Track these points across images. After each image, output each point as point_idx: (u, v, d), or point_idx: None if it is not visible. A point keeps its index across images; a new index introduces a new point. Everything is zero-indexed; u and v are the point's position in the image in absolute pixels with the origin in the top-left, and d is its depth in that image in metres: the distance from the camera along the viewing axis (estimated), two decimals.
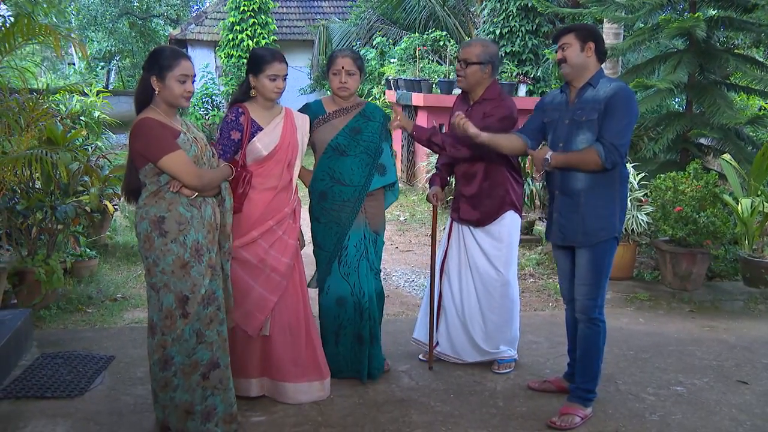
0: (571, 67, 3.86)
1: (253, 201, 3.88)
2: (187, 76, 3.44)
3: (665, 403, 4.20)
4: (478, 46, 4.35)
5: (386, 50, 14.81)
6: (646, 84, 6.85)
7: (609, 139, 3.70)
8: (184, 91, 3.44)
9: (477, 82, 4.36)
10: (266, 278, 3.94)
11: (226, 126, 3.88)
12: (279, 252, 3.96)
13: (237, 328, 3.96)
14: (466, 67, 4.33)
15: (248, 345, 4.01)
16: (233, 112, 3.91)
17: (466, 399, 4.20)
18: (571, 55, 3.84)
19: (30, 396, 4.13)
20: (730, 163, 6.91)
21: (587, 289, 3.90)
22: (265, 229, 3.91)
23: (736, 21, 7.21)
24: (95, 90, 8.84)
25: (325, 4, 21.39)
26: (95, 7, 26.11)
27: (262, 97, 3.95)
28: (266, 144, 3.90)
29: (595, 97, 3.80)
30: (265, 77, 3.89)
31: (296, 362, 4.04)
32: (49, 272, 5.59)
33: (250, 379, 4.04)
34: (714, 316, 5.89)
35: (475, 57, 4.31)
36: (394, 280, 6.97)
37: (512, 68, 12.05)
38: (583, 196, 3.84)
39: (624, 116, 3.73)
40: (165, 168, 3.34)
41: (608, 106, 3.73)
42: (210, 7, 21.88)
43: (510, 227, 4.46)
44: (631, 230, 6.33)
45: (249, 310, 3.93)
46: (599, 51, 3.85)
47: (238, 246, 3.85)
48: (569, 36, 3.88)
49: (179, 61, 3.44)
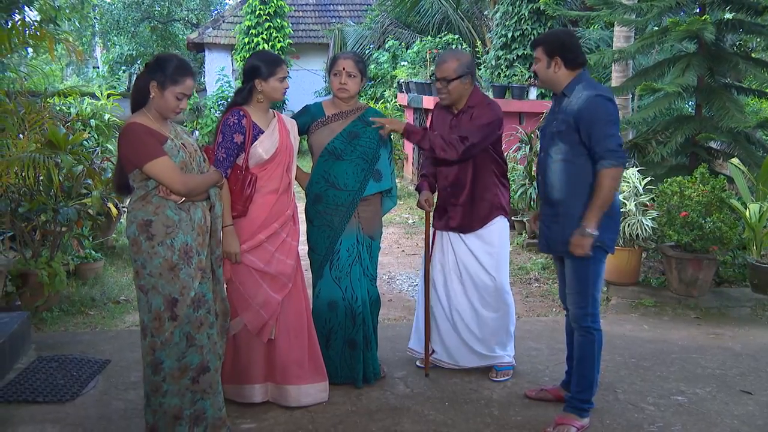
0: (542, 82, 3.83)
1: (257, 204, 3.83)
2: (185, 95, 3.38)
3: (665, 413, 4.04)
4: (453, 61, 4.22)
5: (399, 53, 14.71)
6: (654, 87, 6.67)
7: (603, 148, 3.60)
8: (178, 107, 3.38)
9: (460, 96, 4.27)
10: (273, 279, 3.89)
11: (228, 129, 3.79)
12: (284, 254, 3.92)
13: (240, 333, 3.89)
14: (448, 85, 4.22)
15: (252, 350, 3.94)
16: (235, 116, 3.82)
17: (461, 407, 4.07)
18: (540, 70, 3.79)
19: (22, 400, 4.07)
20: (738, 168, 6.71)
21: (575, 298, 3.80)
22: (271, 232, 3.86)
23: (746, 24, 7.00)
24: (106, 93, 8.79)
25: (341, 7, 21.34)
26: (118, 11, 26.30)
27: (269, 99, 3.91)
28: (267, 148, 3.84)
29: (568, 108, 3.70)
30: (276, 80, 3.87)
31: (300, 364, 3.98)
32: (52, 274, 5.55)
33: (254, 385, 3.97)
34: (720, 323, 5.71)
35: (454, 72, 4.19)
36: (398, 283, 6.84)
37: (523, 71, 11.90)
38: (561, 206, 3.74)
39: (603, 123, 3.61)
40: (150, 174, 3.28)
41: (581, 120, 3.62)
42: (227, 11, 21.90)
43: (500, 231, 4.36)
44: (636, 235, 6.16)
45: (255, 309, 3.87)
46: (569, 61, 3.73)
47: (246, 250, 3.80)
48: (538, 50, 3.81)
49: (185, 79, 3.37)
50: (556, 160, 3.74)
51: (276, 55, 4.09)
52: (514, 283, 6.80)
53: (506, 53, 12.54)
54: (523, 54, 12.41)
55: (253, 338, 3.91)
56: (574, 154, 3.68)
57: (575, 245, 3.64)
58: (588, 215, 3.63)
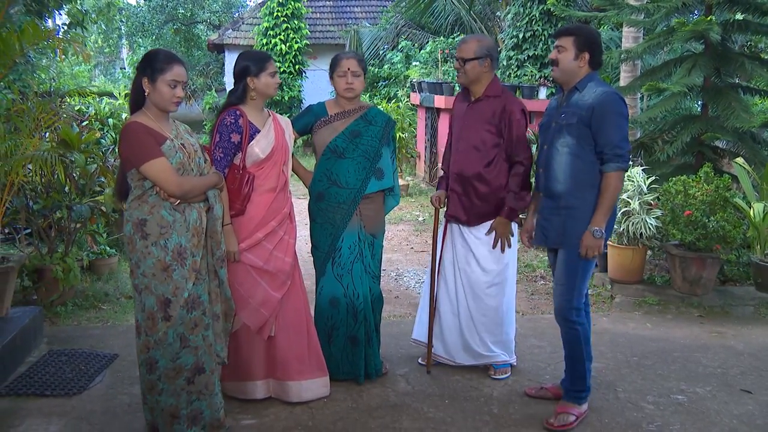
0: (562, 72, 3.69)
1: (255, 203, 3.76)
2: (177, 81, 3.29)
3: (664, 412, 3.94)
4: (474, 42, 4.16)
5: (412, 54, 14.62)
6: (659, 87, 6.53)
7: (609, 151, 3.56)
8: (174, 96, 3.29)
9: (477, 77, 4.16)
10: (272, 277, 3.82)
11: (225, 129, 3.72)
12: (282, 252, 3.86)
13: (240, 331, 3.82)
14: (465, 64, 4.13)
15: (252, 347, 3.88)
16: (231, 115, 3.75)
17: (461, 405, 3.98)
18: (564, 60, 3.67)
19: (30, 393, 4.03)
20: (743, 167, 6.56)
21: (561, 290, 3.75)
22: (269, 230, 3.79)
23: (753, 24, 6.84)
24: (123, 93, 8.76)
25: (357, 9, 21.25)
26: (143, 14, 26.43)
27: (263, 96, 3.84)
28: (263, 147, 3.77)
29: (579, 102, 3.62)
30: (267, 75, 3.80)
31: (301, 360, 3.92)
32: (66, 270, 5.52)
33: (255, 381, 3.91)
34: (723, 322, 5.57)
35: (472, 53, 4.11)
36: (405, 280, 6.76)
37: (533, 71, 11.79)
38: (563, 199, 3.68)
39: (614, 123, 3.56)
40: (146, 174, 3.21)
41: (595, 116, 3.56)
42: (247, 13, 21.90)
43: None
44: (640, 234, 6.03)
45: (255, 307, 3.80)
46: (594, 60, 3.67)
47: (244, 248, 3.73)
48: (567, 39, 3.68)
49: (172, 65, 3.29)
50: (563, 153, 3.67)
51: (263, 52, 4.04)
52: (519, 281, 6.70)
53: (517, 53, 12.43)
54: (534, 54, 12.31)
55: (253, 336, 3.84)
56: (581, 148, 3.62)
57: (587, 247, 3.59)
58: (596, 217, 3.60)
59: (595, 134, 3.58)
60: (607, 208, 3.60)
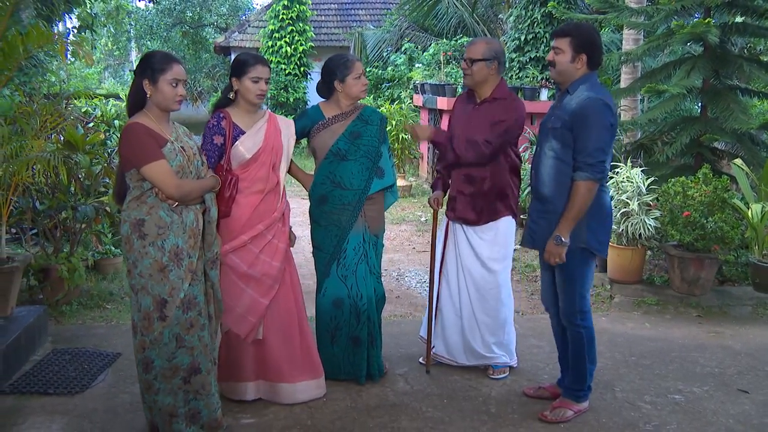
0: (559, 74, 3.61)
1: (240, 205, 3.69)
2: (178, 80, 3.28)
3: (661, 412, 3.91)
4: (482, 44, 4.14)
5: (415, 56, 14.61)
6: (657, 89, 6.50)
7: (581, 159, 3.47)
8: (176, 95, 3.28)
9: (484, 79, 4.13)
10: (257, 282, 3.74)
11: (208, 131, 3.72)
12: (269, 256, 3.77)
13: (231, 333, 3.79)
14: (472, 65, 4.11)
15: (242, 349, 3.83)
16: (215, 117, 3.75)
17: (459, 405, 3.96)
18: (561, 61, 3.58)
19: (34, 392, 4.03)
20: (741, 168, 6.52)
21: (563, 296, 3.71)
22: (255, 233, 3.71)
23: (751, 27, 6.80)
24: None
25: (361, 12, 21.25)
26: (151, 17, 26.49)
27: (244, 100, 3.76)
28: (249, 147, 3.71)
29: (567, 105, 3.55)
30: (248, 79, 3.71)
31: (291, 362, 3.86)
32: (71, 269, 5.52)
33: (246, 382, 3.87)
34: (721, 322, 5.54)
35: (480, 54, 4.09)
36: (407, 280, 6.74)
37: (535, 73, 11.77)
38: (549, 203, 3.61)
39: (591, 131, 3.45)
40: (146, 176, 3.20)
41: (575, 121, 3.48)
42: (253, 15, 21.91)
43: (506, 231, 4.21)
44: (639, 234, 6.00)
45: (241, 313, 3.74)
46: (592, 62, 3.57)
47: (228, 250, 3.67)
48: (564, 41, 3.59)
49: (171, 64, 3.28)
50: (549, 157, 3.61)
51: (256, 55, 3.87)
52: (520, 281, 6.70)
53: (519, 56, 12.42)
54: (535, 56, 12.30)
55: (242, 338, 3.80)
56: (565, 152, 3.54)
57: (549, 253, 3.53)
58: (561, 224, 3.51)
59: (574, 140, 3.49)
60: (572, 218, 3.48)
